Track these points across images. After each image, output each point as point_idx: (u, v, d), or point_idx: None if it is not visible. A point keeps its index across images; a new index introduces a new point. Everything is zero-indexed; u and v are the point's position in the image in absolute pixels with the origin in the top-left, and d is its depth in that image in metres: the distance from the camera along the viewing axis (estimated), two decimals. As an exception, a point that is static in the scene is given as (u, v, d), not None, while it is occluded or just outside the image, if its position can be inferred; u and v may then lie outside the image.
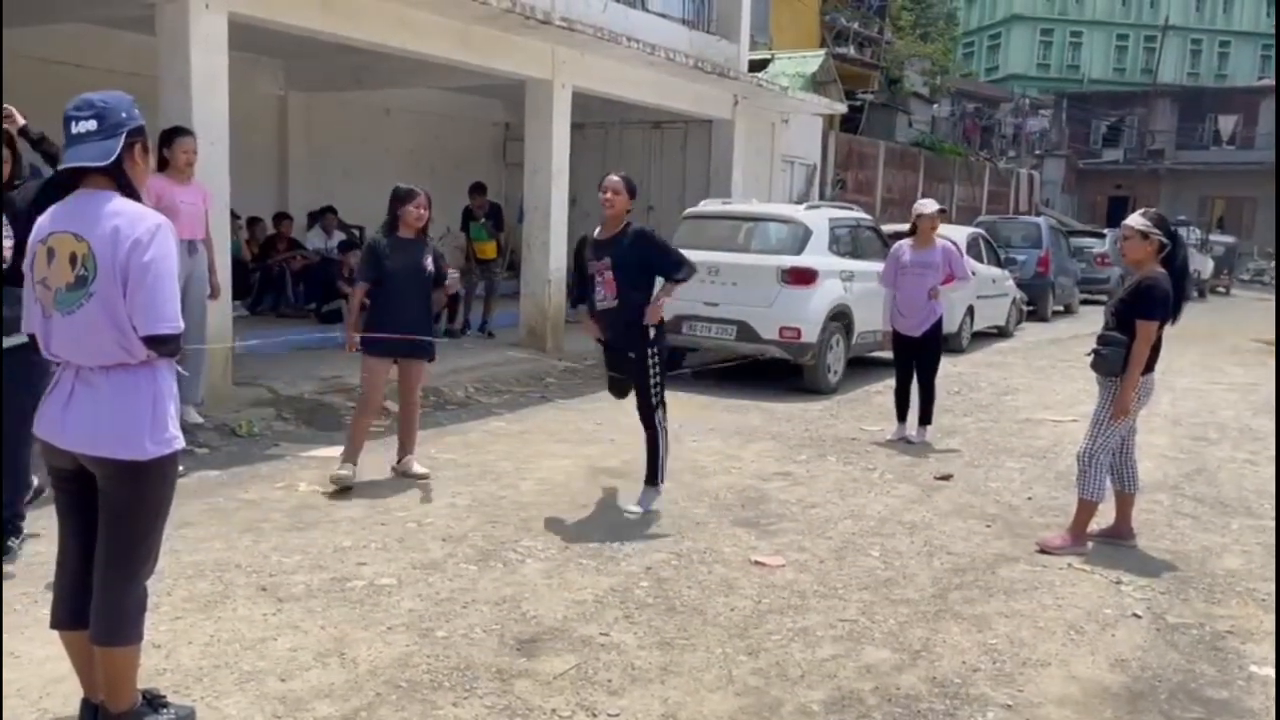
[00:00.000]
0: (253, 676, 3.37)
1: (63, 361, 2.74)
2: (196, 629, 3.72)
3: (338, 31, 7.94)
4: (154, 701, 2.96)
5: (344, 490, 5.54)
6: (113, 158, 2.66)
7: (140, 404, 2.69)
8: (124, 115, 2.70)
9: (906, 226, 8.06)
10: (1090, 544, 5.12)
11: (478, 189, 11.17)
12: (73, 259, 2.63)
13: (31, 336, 2.81)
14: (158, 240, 2.64)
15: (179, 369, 2.87)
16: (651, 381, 5.37)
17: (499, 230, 11.21)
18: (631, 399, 5.51)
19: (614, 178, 5.34)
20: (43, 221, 2.73)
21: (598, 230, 5.48)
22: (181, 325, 2.69)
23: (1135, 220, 4.99)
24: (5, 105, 4.35)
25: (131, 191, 2.73)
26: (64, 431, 2.72)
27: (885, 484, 6.31)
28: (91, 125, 2.66)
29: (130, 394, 2.68)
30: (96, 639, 2.77)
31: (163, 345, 2.68)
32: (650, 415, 5.43)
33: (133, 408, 2.67)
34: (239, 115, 7.22)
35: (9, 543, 4.36)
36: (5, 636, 3.56)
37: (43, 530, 4.56)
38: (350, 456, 5.69)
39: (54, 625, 2.89)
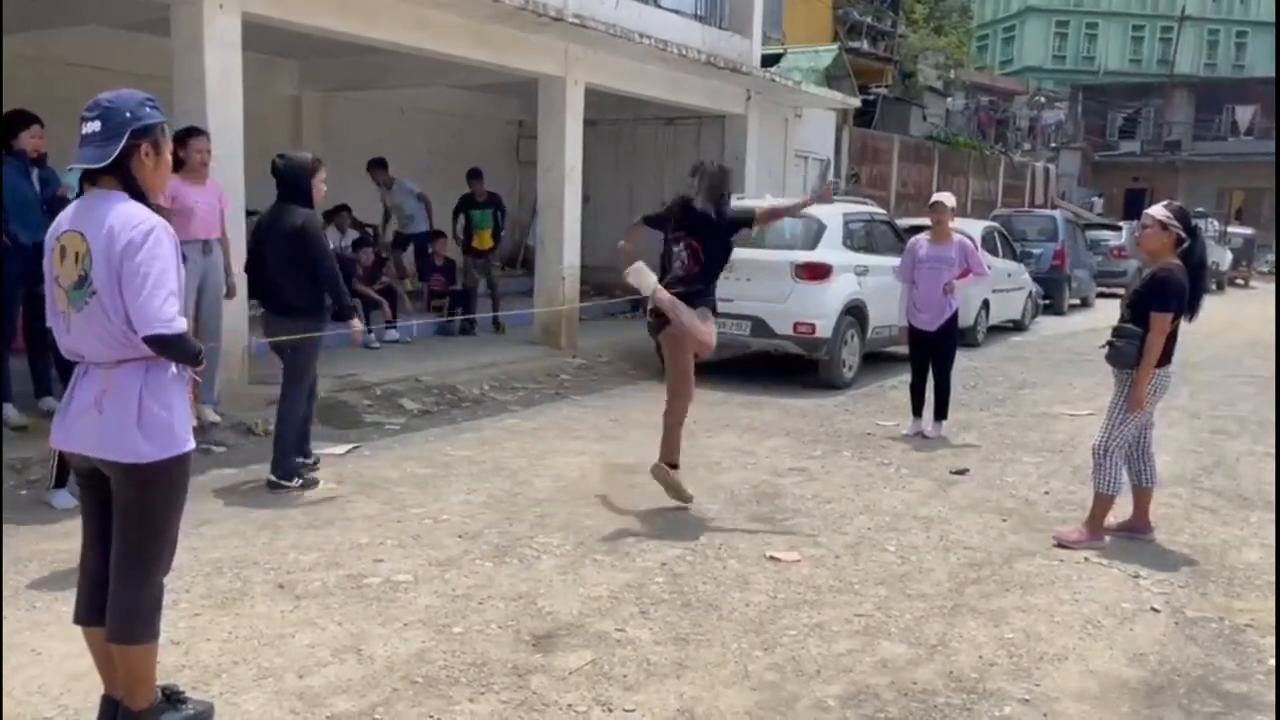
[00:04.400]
0: (271, 673, 3.40)
1: (79, 362, 2.76)
2: (215, 626, 3.75)
3: (352, 31, 7.96)
4: (173, 698, 2.98)
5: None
6: (109, 160, 2.64)
7: (132, 407, 2.66)
8: (128, 115, 2.65)
9: (920, 220, 8.02)
10: (1107, 538, 5.10)
11: (475, 175, 11.10)
12: (77, 258, 2.65)
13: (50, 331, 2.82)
14: (149, 243, 2.60)
15: (189, 373, 2.82)
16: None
17: (504, 218, 11.15)
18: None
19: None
20: (60, 219, 2.76)
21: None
22: (183, 325, 2.62)
23: (1156, 210, 4.96)
24: None
25: (138, 192, 2.70)
26: (69, 434, 2.74)
27: (901, 479, 6.30)
28: (96, 127, 2.64)
29: (125, 396, 2.66)
30: (112, 638, 2.78)
31: (165, 348, 2.63)
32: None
33: (126, 410, 2.65)
34: (254, 115, 7.25)
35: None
36: (28, 634, 3.61)
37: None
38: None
39: (76, 620, 2.92)
